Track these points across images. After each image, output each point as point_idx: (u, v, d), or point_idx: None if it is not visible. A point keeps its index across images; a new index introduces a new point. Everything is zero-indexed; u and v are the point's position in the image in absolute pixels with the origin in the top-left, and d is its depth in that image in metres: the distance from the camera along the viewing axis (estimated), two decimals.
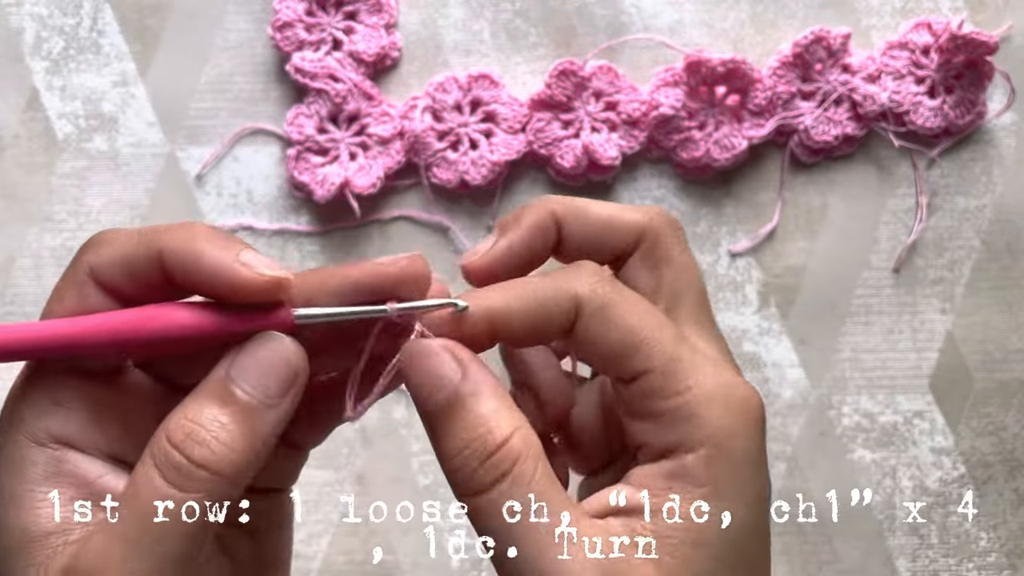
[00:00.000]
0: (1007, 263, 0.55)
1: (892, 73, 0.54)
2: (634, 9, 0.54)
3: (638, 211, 0.32)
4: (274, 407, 0.28)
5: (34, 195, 0.54)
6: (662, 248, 0.32)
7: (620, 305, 0.29)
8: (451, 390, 0.28)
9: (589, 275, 0.30)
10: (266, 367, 0.28)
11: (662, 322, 0.29)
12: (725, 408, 0.29)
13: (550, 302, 0.29)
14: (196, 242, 0.28)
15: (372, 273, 0.30)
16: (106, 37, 0.55)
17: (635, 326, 0.29)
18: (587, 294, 0.29)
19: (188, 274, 0.28)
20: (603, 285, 0.29)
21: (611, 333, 0.29)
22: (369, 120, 0.54)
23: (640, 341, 0.29)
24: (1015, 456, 0.55)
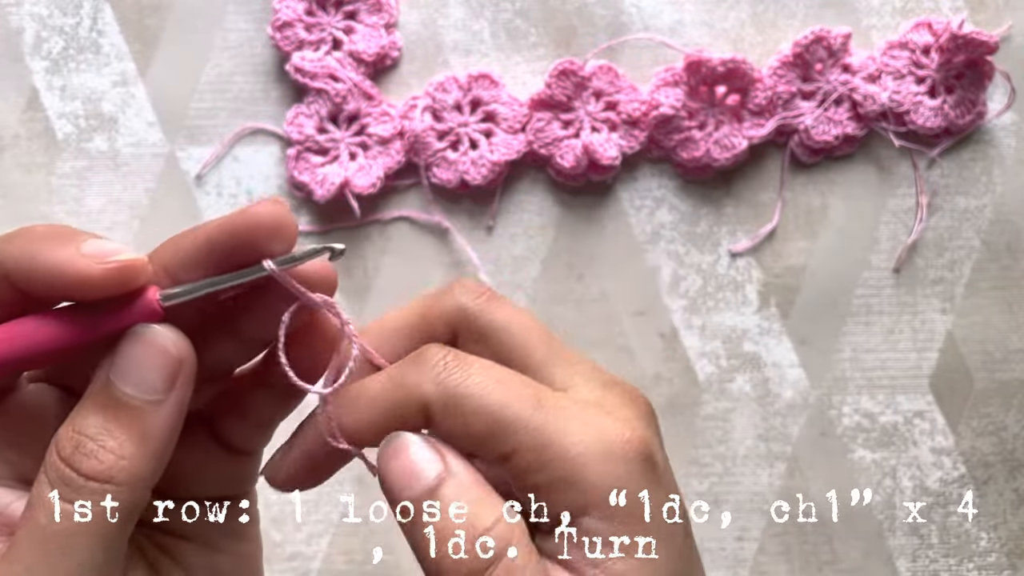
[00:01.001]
0: (1007, 263, 0.55)
1: (892, 73, 0.54)
2: (634, 9, 0.54)
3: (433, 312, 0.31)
4: (162, 402, 0.27)
5: (34, 195, 0.54)
6: (476, 321, 0.30)
7: (469, 395, 0.28)
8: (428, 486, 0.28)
9: (432, 367, 0.28)
10: (143, 363, 0.27)
11: (516, 392, 0.28)
12: (602, 462, 0.28)
13: (400, 409, 0.28)
14: (31, 244, 0.26)
15: (228, 228, 0.27)
16: (106, 37, 0.55)
17: (489, 410, 0.28)
18: (433, 393, 0.28)
19: (32, 281, 0.26)
20: (448, 375, 0.28)
21: (467, 425, 0.28)
22: (369, 120, 0.54)
23: (497, 424, 0.28)
24: (1015, 456, 0.55)
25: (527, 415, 0.28)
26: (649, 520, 0.28)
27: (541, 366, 0.30)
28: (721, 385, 0.55)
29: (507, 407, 0.28)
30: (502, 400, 0.28)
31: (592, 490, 0.27)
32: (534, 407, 0.28)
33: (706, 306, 0.55)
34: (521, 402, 0.28)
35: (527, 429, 0.28)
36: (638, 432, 0.29)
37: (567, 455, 0.28)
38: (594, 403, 0.29)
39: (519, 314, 0.31)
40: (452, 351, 0.29)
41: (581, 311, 0.55)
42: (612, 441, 0.28)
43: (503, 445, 0.28)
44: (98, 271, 0.26)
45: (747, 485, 0.54)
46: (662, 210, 0.55)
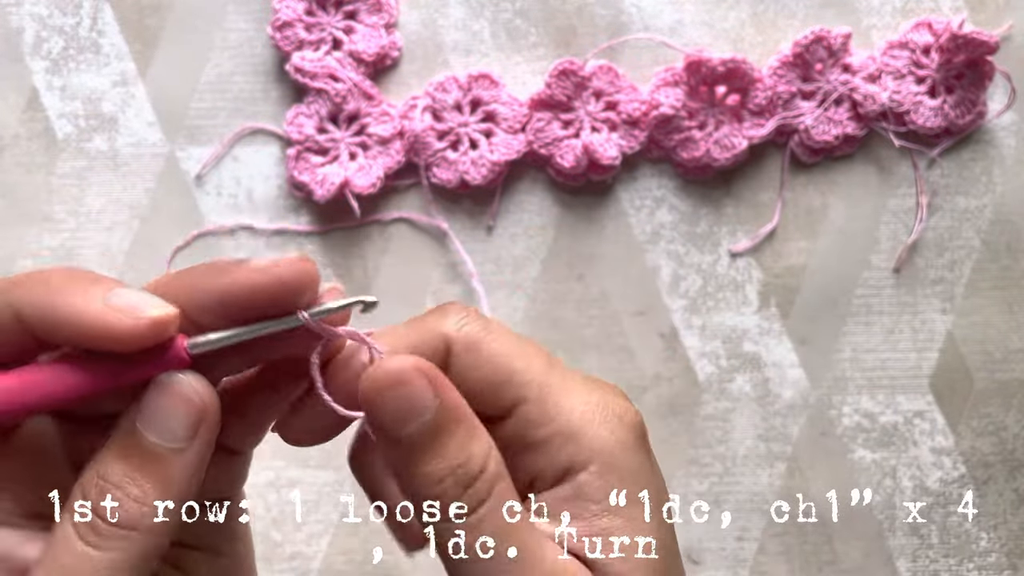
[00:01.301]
0: (1007, 263, 0.55)
1: (892, 73, 0.54)
2: (634, 9, 0.54)
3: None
4: (186, 450, 0.27)
5: (34, 195, 0.54)
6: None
7: (487, 341, 0.29)
8: (429, 419, 0.28)
9: (456, 315, 0.30)
10: (169, 412, 0.27)
11: (531, 351, 0.30)
12: (604, 423, 0.29)
13: (422, 346, 0.30)
14: (51, 293, 0.26)
15: (250, 286, 0.27)
16: (106, 37, 0.55)
17: (504, 359, 0.29)
18: (455, 334, 0.30)
19: (53, 332, 0.26)
20: (470, 323, 0.30)
21: (482, 368, 0.29)
22: (369, 120, 0.54)
23: (510, 373, 0.29)
24: (1015, 456, 0.55)
25: (538, 370, 0.29)
26: (648, 483, 0.29)
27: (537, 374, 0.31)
28: (721, 385, 0.55)
29: (521, 358, 0.29)
30: (517, 352, 0.29)
31: (595, 444, 0.29)
32: (545, 367, 0.30)
33: (706, 306, 0.55)
34: (533, 359, 0.30)
35: (537, 383, 0.29)
36: (635, 410, 0.30)
37: (573, 411, 0.29)
38: (596, 382, 0.31)
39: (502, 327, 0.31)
40: (472, 309, 0.31)
41: (581, 311, 0.55)
42: (617, 412, 0.30)
43: (510, 394, 0.29)
44: (129, 326, 0.26)
45: (747, 485, 0.54)
46: (662, 210, 0.55)
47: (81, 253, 0.54)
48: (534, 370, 0.29)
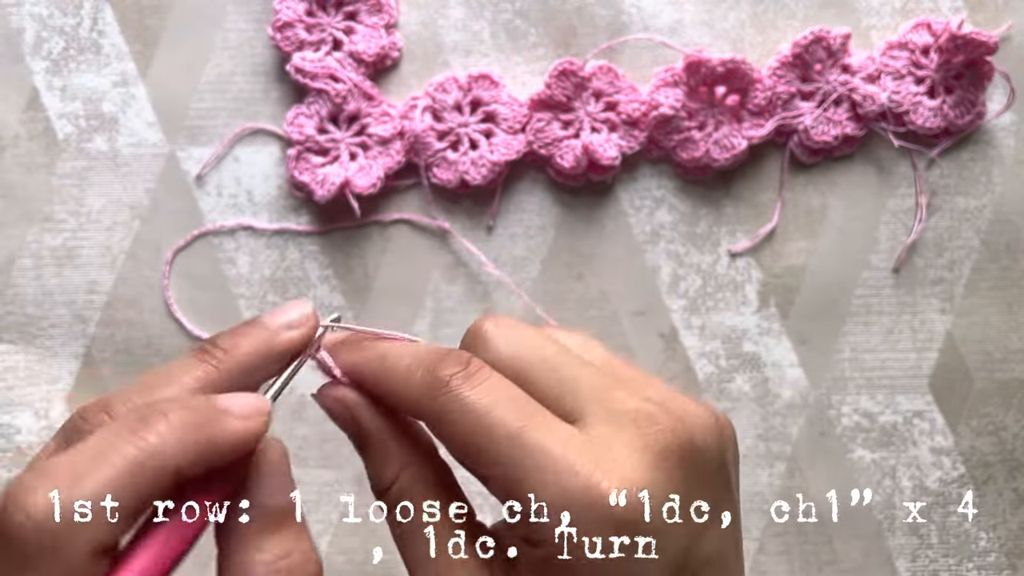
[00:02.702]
0: (1007, 263, 0.55)
1: (892, 73, 0.54)
2: (634, 9, 0.54)
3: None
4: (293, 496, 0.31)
5: (34, 195, 0.54)
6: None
7: (454, 415, 0.30)
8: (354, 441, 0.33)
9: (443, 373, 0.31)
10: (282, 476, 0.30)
11: (501, 423, 0.29)
12: (573, 514, 0.28)
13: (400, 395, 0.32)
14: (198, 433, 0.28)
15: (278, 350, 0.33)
16: (106, 37, 0.55)
17: (470, 434, 0.29)
18: (427, 405, 0.30)
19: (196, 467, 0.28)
20: (448, 391, 0.30)
21: (446, 438, 0.30)
22: (369, 120, 0.54)
23: (474, 449, 0.30)
24: (1015, 456, 0.55)
25: (503, 450, 0.29)
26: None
27: (549, 398, 0.31)
28: (720, 385, 0.55)
29: (486, 436, 0.29)
30: (483, 429, 0.29)
31: (556, 539, 0.28)
32: (512, 442, 0.29)
33: (706, 306, 0.55)
34: (501, 435, 0.29)
35: (498, 463, 0.29)
36: (619, 486, 0.28)
37: (537, 497, 0.28)
38: (592, 443, 0.29)
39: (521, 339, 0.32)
40: (468, 367, 0.31)
41: (581, 311, 0.55)
42: (585, 500, 0.28)
43: (475, 470, 0.30)
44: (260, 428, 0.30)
45: (747, 485, 0.55)
46: (662, 210, 0.55)
47: (81, 253, 0.54)
48: (493, 448, 0.29)
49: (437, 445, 0.33)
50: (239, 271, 0.55)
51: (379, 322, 0.55)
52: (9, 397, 0.54)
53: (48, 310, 0.54)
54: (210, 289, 0.54)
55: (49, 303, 0.54)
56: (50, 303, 0.54)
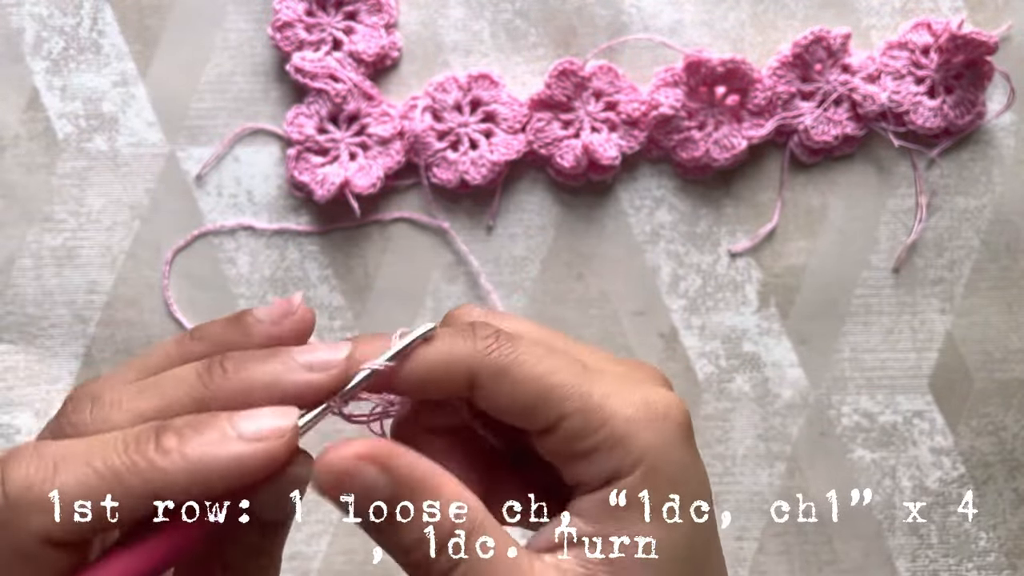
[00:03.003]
0: (1007, 263, 0.55)
1: (892, 73, 0.54)
2: (634, 9, 0.54)
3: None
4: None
5: (34, 195, 0.54)
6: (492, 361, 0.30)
7: (516, 366, 0.29)
8: (385, 497, 0.28)
9: (482, 338, 0.30)
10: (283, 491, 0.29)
11: (562, 364, 0.29)
12: (648, 424, 0.29)
13: (444, 378, 0.29)
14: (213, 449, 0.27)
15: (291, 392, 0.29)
16: (106, 37, 0.55)
17: (535, 383, 0.29)
18: (480, 362, 0.29)
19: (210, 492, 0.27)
20: (498, 348, 0.29)
21: (513, 394, 0.29)
22: (369, 120, 0.54)
23: (547, 391, 0.29)
24: (1015, 456, 0.55)
25: (575, 381, 0.29)
26: (691, 481, 0.30)
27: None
28: (720, 385, 0.55)
29: (554, 374, 0.29)
30: (549, 368, 0.29)
31: (640, 448, 0.29)
32: (580, 374, 0.29)
33: (705, 306, 0.55)
34: (568, 370, 0.29)
35: (576, 395, 0.29)
36: (679, 402, 0.30)
37: (616, 417, 0.29)
38: (630, 375, 0.31)
39: (518, 321, 0.32)
40: (501, 330, 0.30)
41: (581, 311, 0.55)
42: (660, 409, 0.29)
43: (551, 412, 0.29)
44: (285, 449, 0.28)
45: (747, 485, 0.55)
46: (662, 210, 0.55)
47: (81, 253, 0.54)
48: (569, 383, 0.29)
49: None
50: (239, 271, 0.55)
51: (379, 322, 0.55)
52: (9, 397, 0.54)
53: (48, 310, 0.54)
54: (210, 289, 0.54)
55: (49, 303, 0.54)
56: (50, 303, 0.54)
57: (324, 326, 0.55)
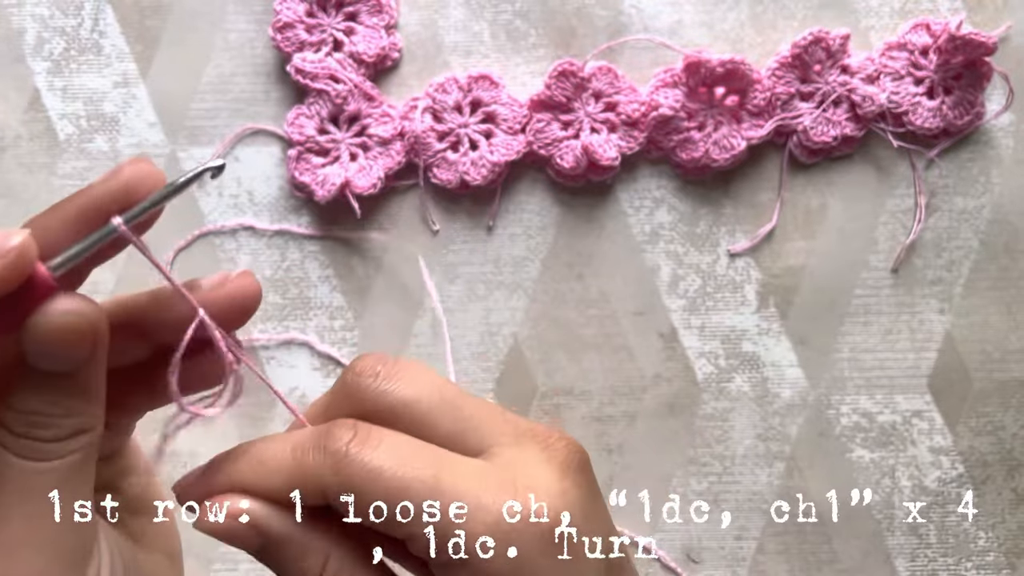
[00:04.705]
0: (1005, 263, 0.55)
1: (891, 74, 0.54)
2: (634, 10, 0.55)
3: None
4: (91, 362, 0.28)
5: (35, 195, 0.55)
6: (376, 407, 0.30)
7: (364, 485, 0.28)
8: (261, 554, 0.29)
9: (333, 453, 0.29)
10: (62, 346, 0.27)
11: (420, 467, 0.28)
12: (506, 537, 0.28)
13: (302, 488, 0.29)
14: None
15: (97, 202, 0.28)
16: (107, 38, 0.55)
17: (389, 493, 0.28)
18: (332, 483, 0.28)
19: None
20: (348, 463, 0.28)
21: (366, 511, 0.28)
22: (369, 121, 0.54)
23: (397, 508, 0.28)
24: (1014, 456, 0.55)
25: (428, 495, 0.28)
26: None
27: (451, 436, 0.30)
28: (720, 385, 0.55)
29: (407, 488, 0.28)
30: (399, 488, 0.28)
31: (496, 571, 0.28)
32: (431, 493, 0.28)
33: (705, 306, 0.55)
34: (419, 489, 0.28)
35: (427, 510, 0.28)
36: (543, 504, 0.29)
37: (469, 535, 0.28)
38: (504, 470, 0.29)
39: (418, 382, 0.30)
40: (359, 431, 0.29)
41: (581, 311, 0.55)
42: (522, 514, 0.28)
43: (402, 530, 0.28)
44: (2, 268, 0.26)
45: (746, 484, 0.55)
46: (661, 210, 0.55)
47: None
48: (420, 497, 0.28)
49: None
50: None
51: (380, 322, 0.55)
52: None
53: None
54: None
55: None
56: None
57: (325, 326, 0.55)
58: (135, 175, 0.28)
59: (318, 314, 0.55)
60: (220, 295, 0.29)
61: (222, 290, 0.29)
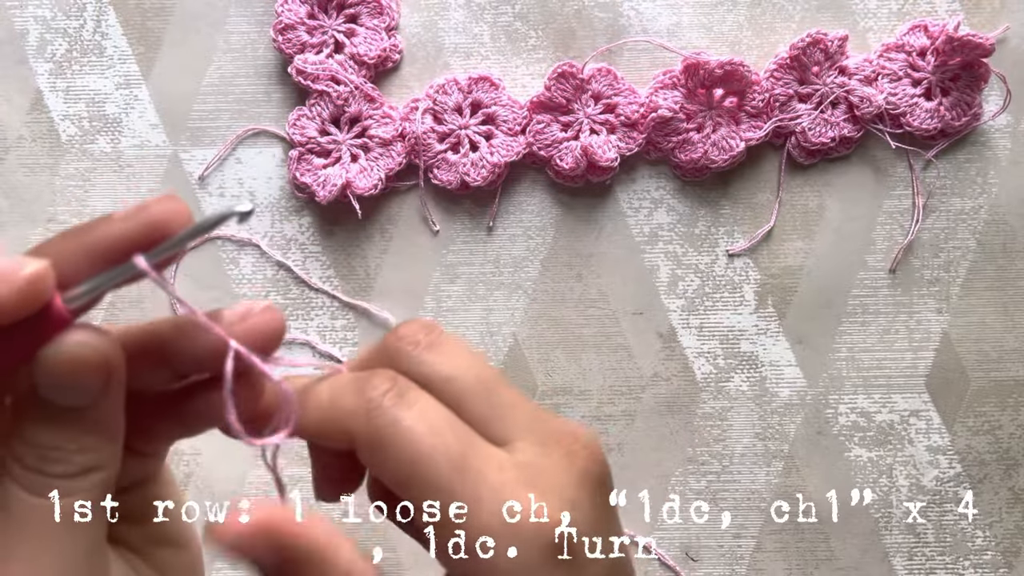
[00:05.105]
0: (1002, 263, 0.55)
1: (889, 75, 0.54)
2: (633, 12, 0.55)
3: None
4: (105, 399, 0.27)
5: (38, 196, 0.55)
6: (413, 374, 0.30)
7: (392, 441, 0.28)
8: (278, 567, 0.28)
9: (369, 400, 0.28)
10: (73, 379, 0.26)
11: (443, 450, 0.28)
12: (509, 540, 0.27)
13: (334, 429, 0.29)
14: None
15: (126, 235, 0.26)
16: (109, 39, 0.55)
17: (409, 462, 0.28)
18: (360, 429, 0.28)
19: None
20: (382, 414, 0.28)
21: (385, 468, 0.28)
22: (370, 122, 0.54)
23: (414, 478, 0.28)
24: (1011, 455, 0.55)
25: (446, 476, 0.28)
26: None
27: (480, 421, 0.29)
28: (718, 384, 0.55)
29: (428, 462, 0.28)
30: (426, 453, 0.28)
31: (495, 570, 0.27)
32: (455, 468, 0.28)
33: (704, 306, 0.55)
34: (444, 461, 0.28)
35: (442, 491, 0.28)
36: (557, 511, 0.28)
37: (477, 525, 0.28)
38: (524, 468, 0.29)
39: (457, 359, 0.30)
40: (398, 385, 0.29)
41: (580, 311, 0.55)
42: (529, 529, 0.28)
43: (417, 498, 0.28)
44: (7, 293, 0.24)
45: (744, 483, 0.55)
46: (660, 211, 0.55)
47: None
48: (442, 475, 0.27)
49: None
50: (241, 271, 0.55)
51: (380, 322, 0.55)
52: None
53: None
54: (213, 289, 0.55)
55: None
56: None
57: (326, 326, 0.55)
58: (164, 214, 0.26)
59: (320, 314, 0.55)
60: (244, 329, 0.28)
61: (245, 324, 0.28)
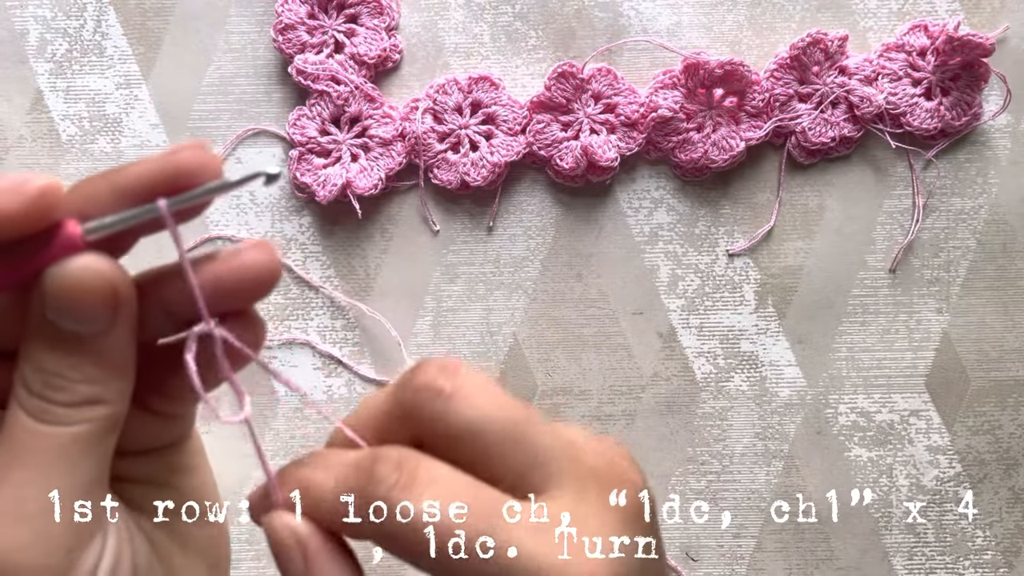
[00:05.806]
0: (1002, 263, 0.55)
1: (889, 75, 0.55)
2: (633, 12, 0.55)
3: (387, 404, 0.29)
4: (113, 330, 0.26)
5: None
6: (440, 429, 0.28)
7: (414, 534, 0.27)
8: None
9: (379, 484, 0.27)
10: (80, 301, 0.25)
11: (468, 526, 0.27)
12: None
13: (337, 527, 0.28)
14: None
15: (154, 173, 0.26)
16: (109, 39, 0.55)
17: (427, 552, 0.27)
18: (370, 533, 0.28)
19: None
20: (391, 508, 0.27)
21: (404, 553, 0.27)
22: (371, 122, 0.54)
23: (439, 566, 0.27)
24: (1011, 455, 0.55)
25: (481, 513, 0.27)
26: None
27: (514, 473, 0.28)
28: (718, 384, 0.55)
29: (450, 537, 0.26)
30: (447, 533, 0.27)
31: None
32: (490, 507, 0.27)
33: (704, 306, 0.55)
34: (481, 498, 0.27)
35: (476, 530, 0.26)
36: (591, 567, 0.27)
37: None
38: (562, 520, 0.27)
39: (483, 404, 0.28)
40: (407, 464, 0.27)
41: (580, 311, 0.55)
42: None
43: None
44: (17, 201, 0.24)
45: (744, 483, 0.55)
46: (660, 211, 0.55)
47: None
48: (476, 513, 0.26)
49: None
50: None
51: (380, 322, 0.55)
52: None
53: None
54: None
55: None
56: None
57: (326, 326, 0.55)
58: (192, 160, 0.26)
59: (320, 314, 0.55)
60: (231, 267, 0.27)
61: (233, 261, 0.27)
